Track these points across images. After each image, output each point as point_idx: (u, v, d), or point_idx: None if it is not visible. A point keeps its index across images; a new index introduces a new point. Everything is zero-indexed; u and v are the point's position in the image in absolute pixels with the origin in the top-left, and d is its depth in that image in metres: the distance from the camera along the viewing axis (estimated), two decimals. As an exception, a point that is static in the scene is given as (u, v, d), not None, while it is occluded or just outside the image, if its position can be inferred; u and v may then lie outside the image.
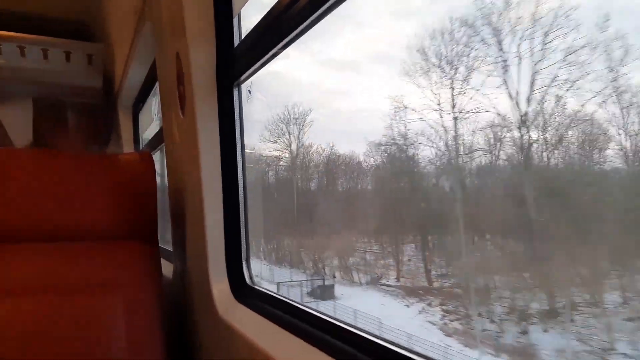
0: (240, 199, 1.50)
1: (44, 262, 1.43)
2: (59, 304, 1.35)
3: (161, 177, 1.75)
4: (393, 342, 0.88)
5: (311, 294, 4.91)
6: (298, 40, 1.22)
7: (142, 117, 3.53)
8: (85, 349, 1.34)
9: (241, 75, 1.44)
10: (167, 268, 1.84)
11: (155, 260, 1.59)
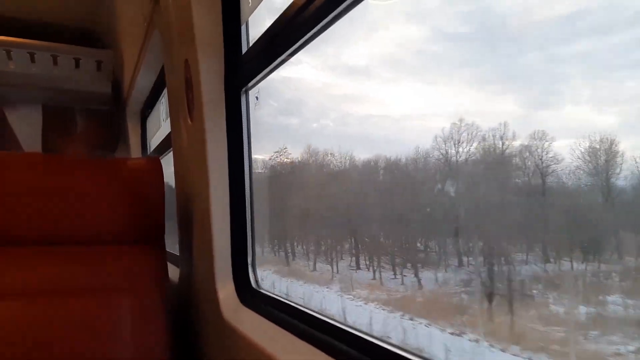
0: (246, 203, 1.52)
1: (51, 266, 1.45)
2: (66, 307, 1.37)
3: (169, 182, 1.77)
4: (403, 348, 0.89)
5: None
6: (310, 46, 1.23)
7: (150, 123, 3.56)
8: (91, 352, 1.35)
9: (249, 82, 1.46)
10: (173, 272, 1.86)
11: (162, 264, 1.60)
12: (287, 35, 1.22)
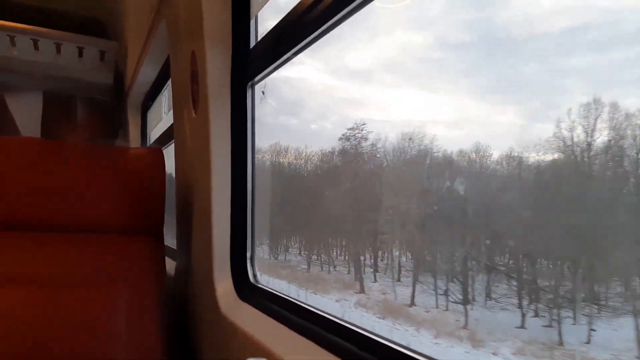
0: (248, 197, 1.52)
1: (48, 252, 1.44)
2: (61, 295, 1.36)
3: (168, 175, 1.77)
4: (397, 342, 0.89)
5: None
6: (312, 48, 1.24)
7: (151, 115, 3.55)
8: (85, 342, 1.34)
9: (255, 76, 1.46)
10: (169, 265, 1.85)
11: (159, 256, 1.60)
12: (296, 32, 1.22)
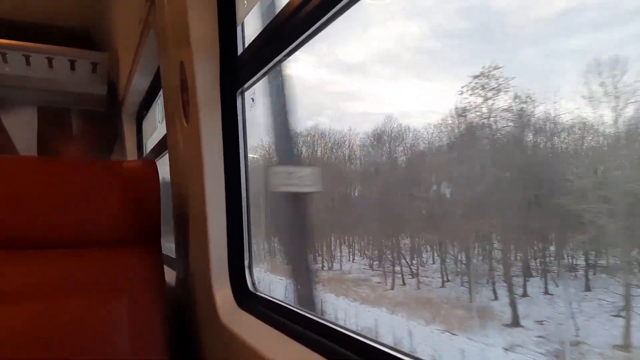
0: (243, 205, 1.51)
1: (47, 269, 1.44)
2: (62, 310, 1.36)
3: (164, 185, 1.76)
4: (399, 350, 0.88)
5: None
6: (306, 44, 1.22)
7: (146, 125, 3.55)
8: (88, 356, 1.34)
9: (244, 83, 1.45)
10: (169, 275, 1.85)
11: (158, 267, 1.59)
12: (283, 36, 1.21)
